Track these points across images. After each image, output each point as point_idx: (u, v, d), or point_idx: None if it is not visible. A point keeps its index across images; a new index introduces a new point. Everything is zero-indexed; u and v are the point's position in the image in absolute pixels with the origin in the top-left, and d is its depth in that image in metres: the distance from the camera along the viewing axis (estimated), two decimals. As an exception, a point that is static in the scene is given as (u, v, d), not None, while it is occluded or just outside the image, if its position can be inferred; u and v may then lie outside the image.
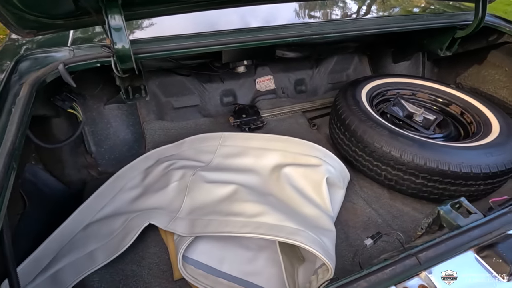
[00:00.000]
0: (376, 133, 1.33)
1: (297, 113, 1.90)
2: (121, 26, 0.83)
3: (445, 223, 0.80)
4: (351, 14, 1.29)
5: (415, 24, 1.34)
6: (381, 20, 1.33)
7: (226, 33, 1.05)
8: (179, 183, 1.27)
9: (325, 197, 1.18)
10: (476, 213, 0.81)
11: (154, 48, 0.96)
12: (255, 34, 1.06)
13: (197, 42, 1.01)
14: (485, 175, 1.19)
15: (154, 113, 1.70)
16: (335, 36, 1.17)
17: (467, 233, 0.75)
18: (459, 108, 1.64)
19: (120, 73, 0.94)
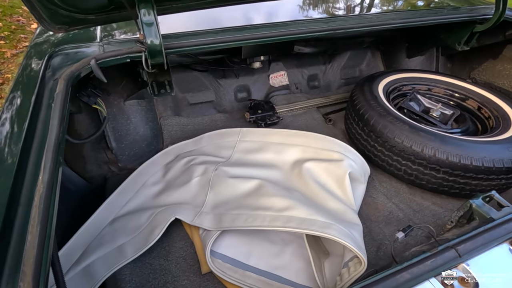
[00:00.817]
0: (397, 128, 1.33)
1: (312, 109, 1.90)
2: (153, 21, 0.83)
3: (478, 216, 0.81)
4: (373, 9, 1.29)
5: (437, 18, 1.33)
6: (403, 14, 1.32)
7: (250, 28, 1.05)
8: (201, 178, 1.28)
9: (348, 192, 1.19)
10: (509, 206, 0.81)
11: (183, 43, 0.96)
12: (278, 29, 1.06)
13: (223, 37, 1.01)
14: (508, 169, 1.20)
15: (171, 109, 1.71)
16: (359, 31, 1.16)
17: (502, 225, 0.75)
18: (476, 103, 1.64)
19: (149, 69, 0.94)
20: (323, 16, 1.16)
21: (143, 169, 1.37)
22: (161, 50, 0.88)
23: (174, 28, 1.02)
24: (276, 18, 1.10)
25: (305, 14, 1.14)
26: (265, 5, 1.11)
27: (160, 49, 0.87)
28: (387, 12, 1.29)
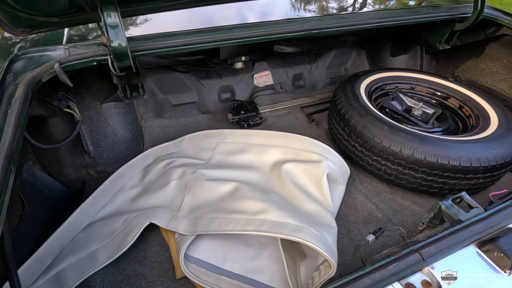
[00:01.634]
0: (376, 128, 1.32)
1: (296, 109, 1.89)
2: (117, 23, 0.81)
3: (447, 217, 0.81)
4: (351, 8, 1.28)
5: (415, 17, 1.33)
6: (381, 14, 1.31)
7: (225, 29, 1.04)
8: (179, 181, 1.27)
9: (326, 193, 1.18)
10: (477, 208, 0.81)
11: (151, 45, 0.95)
12: (253, 29, 1.05)
13: (195, 38, 0.99)
14: (484, 168, 1.20)
15: (152, 110, 1.69)
16: (336, 31, 1.15)
17: (469, 227, 0.75)
18: (458, 102, 1.64)
19: (117, 72, 0.93)
20: (300, 16, 1.14)
21: (121, 172, 1.35)
22: (127, 53, 0.86)
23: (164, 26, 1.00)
24: (252, 18, 1.09)
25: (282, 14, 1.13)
26: (242, 5, 1.10)
27: (126, 52, 0.86)
28: (365, 12, 1.28)
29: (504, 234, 0.74)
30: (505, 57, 1.75)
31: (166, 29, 1.02)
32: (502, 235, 0.74)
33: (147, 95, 1.67)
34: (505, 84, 1.78)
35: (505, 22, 1.53)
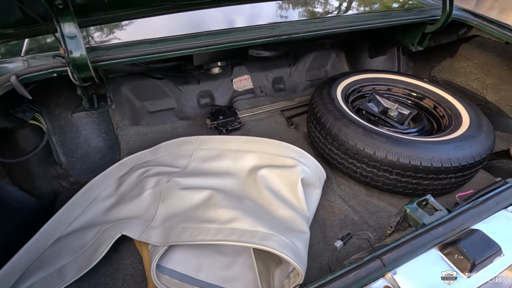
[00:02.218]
0: (350, 131, 1.33)
1: (276, 112, 1.89)
2: (75, 34, 0.79)
3: (412, 221, 0.81)
4: (322, 12, 1.29)
5: (385, 21, 1.35)
6: (351, 18, 1.32)
7: (192, 37, 1.03)
8: (153, 190, 1.25)
9: (301, 198, 1.18)
10: (441, 210, 0.82)
11: (114, 55, 0.93)
12: (220, 36, 1.04)
13: (161, 47, 0.98)
14: (455, 168, 1.22)
15: (129, 118, 1.66)
16: (306, 36, 1.16)
17: (431, 231, 0.76)
18: (433, 102, 1.67)
19: (78, 83, 0.91)
20: (270, 22, 1.14)
21: (95, 183, 1.32)
22: (88, 64, 0.84)
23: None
24: (220, 25, 1.08)
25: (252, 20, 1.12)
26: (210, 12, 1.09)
27: (86, 63, 0.84)
28: (335, 16, 1.29)
29: (465, 237, 0.75)
30: (477, 57, 1.79)
31: (133, 37, 1.00)
32: (463, 237, 0.75)
33: (123, 102, 1.66)
34: (478, 84, 1.82)
35: (475, 24, 1.56)
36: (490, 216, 0.82)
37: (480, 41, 1.72)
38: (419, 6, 1.58)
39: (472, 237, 0.75)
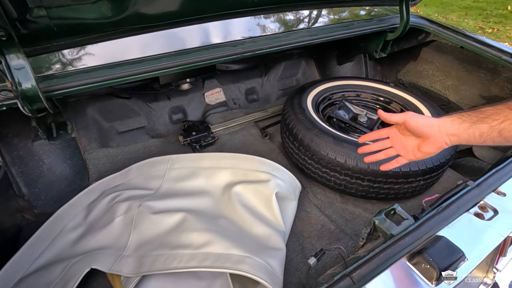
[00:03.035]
0: (322, 140, 1.35)
1: (250, 124, 1.89)
2: (23, 65, 0.75)
3: (381, 233, 0.83)
4: (285, 26, 1.31)
5: (347, 32, 1.38)
6: (314, 31, 1.35)
7: (152, 59, 1.00)
8: (125, 217, 1.20)
9: (276, 213, 1.18)
10: (408, 219, 0.84)
11: (69, 83, 0.89)
12: (183, 57, 1.02)
13: (120, 72, 0.95)
14: (423, 171, 1.26)
15: (97, 141, 1.60)
16: (268, 51, 1.17)
17: (399, 242, 0.77)
18: (399, 106, 1.73)
19: (31, 115, 0.86)
20: (233, 39, 1.14)
21: (61, 213, 1.26)
22: (39, 95, 0.80)
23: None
24: (182, 45, 1.06)
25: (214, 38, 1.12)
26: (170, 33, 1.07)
27: (37, 94, 0.79)
28: (298, 30, 1.31)
29: (430, 245, 0.77)
30: (437, 60, 1.87)
31: (90, 62, 0.96)
32: (429, 246, 0.77)
33: (90, 124, 1.59)
34: (440, 85, 1.91)
35: (431, 30, 1.64)
36: (454, 221, 0.85)
37: (439, 45, 1.81)
38: (380, 15, 1.65)
39: (437, 244, 0.77)
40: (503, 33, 5.75)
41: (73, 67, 0.92)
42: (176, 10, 0.92)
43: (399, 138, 0.85)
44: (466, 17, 6.55)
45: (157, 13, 0.89)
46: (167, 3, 0.88)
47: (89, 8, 0.75)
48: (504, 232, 0.83)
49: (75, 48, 0.89)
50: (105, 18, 0.79)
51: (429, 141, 0.78)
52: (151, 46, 1.01)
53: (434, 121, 0.76)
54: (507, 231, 0.84)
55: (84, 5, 0.74)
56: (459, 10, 6.91)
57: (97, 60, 0.95)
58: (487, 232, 0.84)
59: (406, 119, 0.78)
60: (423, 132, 0.77)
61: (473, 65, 1.70)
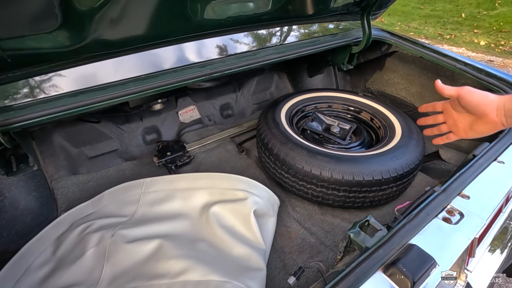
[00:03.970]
0: (296, 154, 1.37)
1: (226, 140, 1.88)
2: (-26, 99, 0.71)
3: (356, 246, 0.84)
4: (253, 45, 1.33)
5: (314, 48, 1.43)
6: (281, 48, 1.39)
7: (118, 85, 0.98)
8: (97, 248, 1.14)
9: (255, 231, 1.17)
10: (381, 230, 0.86)
11: (28, 115, 0.84)
12: (149, 81, 1.01)
13: (83, 100, 0.91)
14: (395, 178, 1.30)
15: (65, 168, 1.52)
16: (237, 71, 1.18)
17: (373, 254, 0.79)
18: (369, 115, 1.79)
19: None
20: (201, 60, 1.14)
21: (27, 250, 1.17)
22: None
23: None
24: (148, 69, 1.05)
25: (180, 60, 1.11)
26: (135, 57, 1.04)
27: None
28: (266, 48, 1.34)
29: (403, 254, 0.79)
30: (401, 69, 1.98)
31: (51, 91, 0.92)
32: (402, 256, 0.78)
33: (57, 151, 1.52)
34: (406, 92, 2.01)
35: (392, 42, 1.73)
36: (424, 228, 0.88)
37: (401, 55, 1.91)
38: (344, 30, 1.72)
39: (409, 253, 0.79)
40: (460, 38, 6.19)
41: (33, 98, 0.88)
42: (140, 34, 0.91)
43: (451, 113, 0.80)
44: (426, 25, 7.01)
45: (121, 39, 0.88)
46: (130, 29, 0.87)
47: (46, 38, 0.72)
48: (470, 235, 0.87)
49: (34, 78, 0.85)
50: (64, 47, 0.77)
51: (484, 120, 0.72)
52: (117, 71, 0.98)
53: (492, 99, 0.70)
54: (473, 233, 0.88)
55: (39, 35, 0.71)
56: (419, 19, 7.38)
57: (59, 88, 0.91)
58: (455, 236, 0.87)
59: (460, 94, 0.73)
60: (478, 109, 0.71)
61: (433, 73, 1.81)
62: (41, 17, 0.68)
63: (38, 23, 0.68)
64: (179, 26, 0.96)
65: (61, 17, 0.70)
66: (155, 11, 0.84)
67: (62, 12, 0.69)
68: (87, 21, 0.74)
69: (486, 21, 6.57)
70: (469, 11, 7.13)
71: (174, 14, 0.90)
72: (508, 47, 5.58)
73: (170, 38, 0.99)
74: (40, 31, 0.70)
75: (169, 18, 0.89)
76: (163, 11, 0.85)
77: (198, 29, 1.00)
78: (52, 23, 0.70)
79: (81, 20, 0.73)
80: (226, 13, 0.96)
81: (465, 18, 6.90)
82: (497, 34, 6.07)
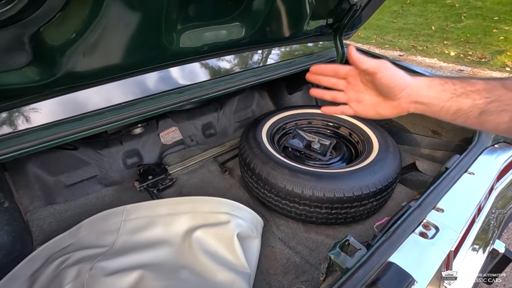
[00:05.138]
0: (278, 173, 1.38)
1: (208, 161, 1.88)
2: None
3: (337, 267, 0.84)
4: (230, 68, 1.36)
5: (290, 69, 1.48)
6: (258, 71, 1.42)
7: (94, 115, 0.97)
8: (74, 284, 1.09)
9: (240, 255, 1.15)
10: (361, 249, 0.87)
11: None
12: (127, 110, 1.00)
13: (57, 133, 0.89)
14: (374, 192, 1.33)
15: (40, 198, 1.47)
16: (216, 95, 1.19)
17: (354, 275, 0.79)
18: (347, 130, 1.84)
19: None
20: (178, 86, 1.15)
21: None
22: (-42, 171, 0.72)
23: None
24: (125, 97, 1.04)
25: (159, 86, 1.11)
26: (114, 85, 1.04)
27: (-44, 170, 0.72)
28: (243, 71, 1.37)
29: (382, 274, 0.80)
30: (375, 85, 2.05)
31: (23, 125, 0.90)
32: (381, 275, 0.80)
33: (32, 180, 1.47)
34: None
35: (365, 60, 1.81)
36: (402, 244, 0.90)
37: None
38: (319, 50, 1.79)
39: (388, 272, 0.80)
40: (431, 49, 6.53)
41: (3, 133, 0.85)
42: (115, 65, 0.91)
43: (356, 86, 0.69)
44: (400, 37, 7.36)
45: (94, 70, 0.87)
46: (104, 60, 0.87)
47: (14, 74, 0.71)
48: (445, 249, 0.90)
49: (3, 113, 0.82)
50: (34, 82, 0.76)
51: (392, 104, 0.64)
52: (92, 102, 0.97)
53: (408, 82, 0.61)
54: (448, 247, 0.91)
55: (10, 71, 0.70)
56: (393, 32, 7.75)
57: (31, 122, 0.89)
58: (431, 250, 0.90)
59: (379, 70, 0.60)
60: (391, 92, 0.62)
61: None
62: (10, 53, 0.67)
63: (7, 59, 0.68)
64: (155, 56, 0.97)
65: (31, 53, 0.69)
66: (129, 43, 0.85)
67: (32, 49, 0.68)
68: (59, 56, 0.74)
69: (454, 33, 6.98)
70: (438, 24, 7.57)
71: (149, 45, 0.92)
72: (476, 57, 5.92)
73: (146, 67, 0.99)
74: (9, 67, 0.69)
75: (144, 49, 0.90)
76: (137, 43, 0.86)
77: (174, 57, 1.02)
78: (22, 59, 0.69)
79: (52, 55, 0.73)
80: (201, 41, 0.98)
81: (435, 31, 7.31)
82: (465, 45, 6.45)
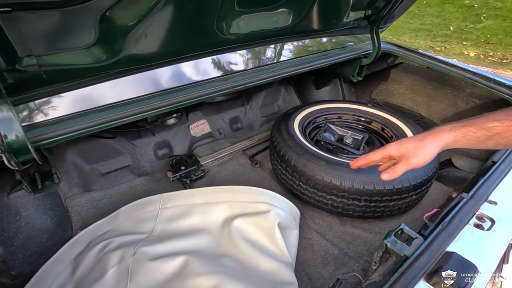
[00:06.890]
0: (315, 165, 1.37)
1: (238, 153, 1.88)
2: (10, 116, 0.70)
3: (394, 255, 0.83)
4: (269, 58, 1.36)
5: (327, 60, 1.47)
6: (297, 61, 1.42)
7: (145, 99, 0.98)
8: (119, 267, 1.10)
9: (281, 244, 1.15)
10: (417, 238, 0.85)
11: (59, 130, 0.83)
12: (175, 95, 1.01)
13: (112, 115, 0.91)
14: (414, 186, 1.31)
15: (78, 185, 1.49)
16: (258, 83, 1.19)
17: (415, 263, 0.78)
18: (380, 124, 1.82)
19: (17, 167, 0.78)
20: (220, 75, 1.16)
21: (44, 271, 1.13)
22: (27, 146, 0.74)
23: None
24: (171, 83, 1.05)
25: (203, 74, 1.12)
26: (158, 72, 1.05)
27: (25, 145, 0.73)
28: (282, 61, 1.36)
29: (444, 262, 0.78)
30: (406, 80, 2.03)
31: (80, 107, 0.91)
32: (443, 264, 0.78)
33: (70, 168, 1.49)
34: (412, 102, 2.05)
35: (400, 54, 1.79)
36: (458, 235, 0.88)
37: (406, 66, 1.97)
38: (353, 43, 1.77)
39: (450, 261, 0.78)
40: (450, 50, 6.41)
41: (63, 114, 0.87)
42: (167, 50, 0.92)
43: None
44: (417, 38, 7.25)
45: (149, 54, 0.88)
46: (159, 44, 0.88)
47: (82, 53, 0.73)
48: (505, 240, 0.87)
49: (64, 94, 0.84)
50: (97, 62, 0.77)
51: (417, 157, 0.79)
52: (143, 86, 0.98)
53: (434, 152, 0.77)
54: (507, 239, 0.88)
55: (76, 51, 0.72)
56: (409, 32, 7.64)
57: (87, 104, 0.90)
58: (489, 242, 0.87)
59: (400, 158, 0.80)
60: (409, 154, 0.79)
61: (439, 83, 1.86)
62: (80, 33, 0.69)
63: (76, 38, 0.69)
64: (204, 42, 0.97)
65: (99, 33, 0.71)
66: (185, 27, 0.86)
67: (100, 28, 0.69)
68: (122, 37, 0.75)
69: (473, 33, 6.83)
70: (456, 24, 7.42)
71: (200, 30, 0.92)
72: (497, 58, 5.79)
73: (194, 53, 1.00)
74: (78, 46, 0.70)
75: (197, 34, 0.91)
76: (192, 27, 0.87)
77: (221, 44, 1.02)
78: (89, 39, 0.70)
79: (117, 36, 0.74)
80: (249, 28, 0.98)
81: (453, 31, 7.17)
82: (485, 46, 6.31)
